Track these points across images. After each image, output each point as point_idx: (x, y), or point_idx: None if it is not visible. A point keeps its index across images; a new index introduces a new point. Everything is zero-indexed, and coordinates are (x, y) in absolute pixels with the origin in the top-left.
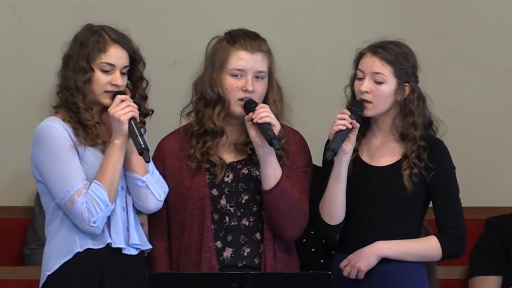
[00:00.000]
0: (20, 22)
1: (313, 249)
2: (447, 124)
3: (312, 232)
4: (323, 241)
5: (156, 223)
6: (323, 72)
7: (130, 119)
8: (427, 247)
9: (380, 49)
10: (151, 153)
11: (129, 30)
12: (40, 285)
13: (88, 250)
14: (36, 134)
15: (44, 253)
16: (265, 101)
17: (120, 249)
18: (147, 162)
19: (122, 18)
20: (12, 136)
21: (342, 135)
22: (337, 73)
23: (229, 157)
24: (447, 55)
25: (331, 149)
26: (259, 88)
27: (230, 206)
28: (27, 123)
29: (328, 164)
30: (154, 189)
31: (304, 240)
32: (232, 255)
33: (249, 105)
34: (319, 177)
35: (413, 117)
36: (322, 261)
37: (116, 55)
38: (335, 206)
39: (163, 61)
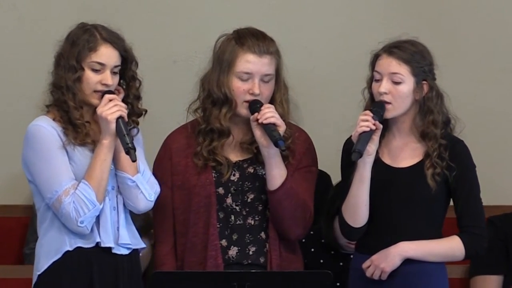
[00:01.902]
0: (20, 22)
1: (312, 249)
2: None
3: (312, 232)
4: (323, 241)
5: (162, 221)
6: (324, 71)
7: (117, 119)
8: (451, 247)
9: (396, 49)
10: (156, 150)
11: (130, 29)
12: (32, 286)
13: (78, 249)
14: (25, 134)
15: (35, 254)
16: (272, 101)
17: (110, 248)
18: (133, 161)
19: (122, 17)
20: (12, 134)
21: (366, 136)
22: (338, 72)
23: (235, 156)
24: (447, 55)
25: (357, 150)
26: (265, 91)
27: (236, 205)
28: (26, 122)
29: (348, 166)
30: (144, 189)
31: (304, 240)
32: (238, 253)
33: (254, 105)
34: (318, 179)
35: (432, 115)
36: (321, 261)
37: (106, 55)
38: (359, 208)
39: (163, 60)
